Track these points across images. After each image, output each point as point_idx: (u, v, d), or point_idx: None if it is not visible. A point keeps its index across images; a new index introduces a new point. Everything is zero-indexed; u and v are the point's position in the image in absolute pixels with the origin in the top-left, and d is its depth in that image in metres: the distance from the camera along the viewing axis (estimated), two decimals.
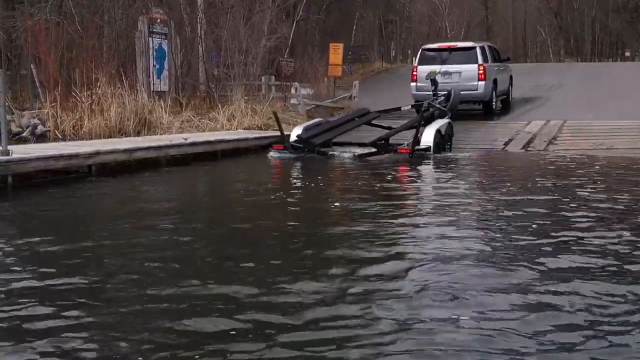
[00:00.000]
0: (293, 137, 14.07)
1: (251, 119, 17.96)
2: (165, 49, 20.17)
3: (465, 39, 52.30)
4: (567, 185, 9.82)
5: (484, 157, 13.53)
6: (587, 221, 7.11)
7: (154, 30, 19.82)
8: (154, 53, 19.81)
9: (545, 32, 63.71)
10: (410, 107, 16.66)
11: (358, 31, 46.49)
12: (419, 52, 19.48)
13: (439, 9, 58.29)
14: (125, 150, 11.09)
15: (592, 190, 9.17)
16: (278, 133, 15.78)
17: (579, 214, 7.51)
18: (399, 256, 5.87)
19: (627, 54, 56.90)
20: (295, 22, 30.88)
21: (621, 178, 10.67)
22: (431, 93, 16.40)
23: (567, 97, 21.22)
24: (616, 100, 18.99)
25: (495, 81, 18.47)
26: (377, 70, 37.02)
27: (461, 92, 16.86)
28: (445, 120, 14.57)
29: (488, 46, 19.55)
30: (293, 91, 21.38)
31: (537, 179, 10.45)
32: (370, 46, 45.71)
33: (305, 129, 14.43)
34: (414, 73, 18.65)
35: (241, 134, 15.27)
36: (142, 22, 19.69)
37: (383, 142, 13.62)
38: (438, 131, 13.71)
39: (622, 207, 8.03)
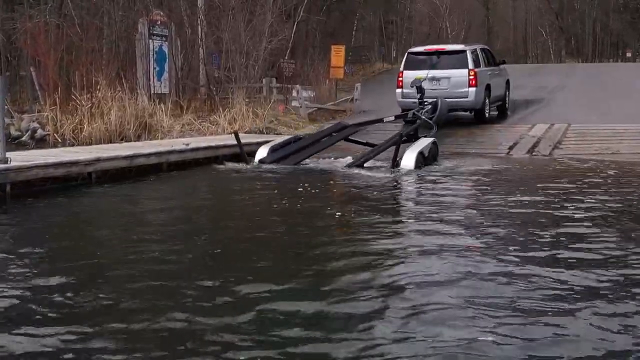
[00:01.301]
0: (256, 161, 12.73)
1: (252, 122, 17.82)
2: (166, 51, 20.03)
3: (465, 40, 52.25)
4: (584, 195, 9.65)
5: (488, 163, 13.28)
6: (607, 234, 6.98)
7: (154, 32, 19.69)
8: (154, 55, 19.67)
9: (546, 33, 63.60)
10: (393, 118, 15.36)
11: (358, 32, 46.37)
12: (405, 56, 18.17)
13: (440, 9, 58.10)
14: (126, 157, 10.93)
15: (607, 199, 9.01)
16: (280, 138, 15.62)
17: (596, 228, 7.38)
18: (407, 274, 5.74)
19: (628, 54, 56.78)
20: (296, 24, 30.72)
21: (633, 185, 10.51)
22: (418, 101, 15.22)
23: (570, 99, 21.07)
24: (620, 102, 18.85)
25: (488, 87, 17.23)
26: (378, 71, 36.92)
27: (451, 100, 15.70)
28: (429, 140, 12.86)
29: (481, 49, 18.24)
30: (294, 94, 21.21)
31: (549, 189, 10.29)
32: (371, 47, 45.58)
33: (272, 150, 12.96)
34: (400, 79, 17.23)
35: (243, 138, 15.06)
36: (142, 24, 19.55)
37: (355, 168, 12.02)
38: (420, 153, 12.05)
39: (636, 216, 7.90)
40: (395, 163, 11.65)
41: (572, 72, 30.08)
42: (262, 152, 12.88)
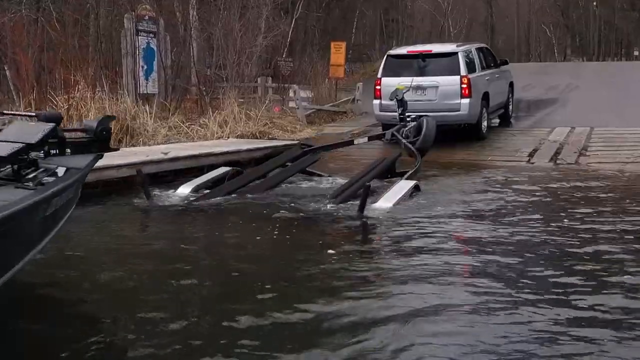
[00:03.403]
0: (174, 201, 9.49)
1: (245, 126, 16.31)
2: (155, 48, 18.52)
3: (467, 38, 50.67)
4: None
5: (512, 172, 11.81)
6: None
7: (141, 27, 18.16)
8: (142, 53, 18.14)
9: (550, 31, 62.30)
10: (366, 140, 12.64)
11: (359, 30, 45.04)
12: (384, 59, 15.19)
13: (441, 6, 56.68)
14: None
15: None
16: (275, 143, 14.16)
17: None
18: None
19: (636, 53, 55.30)
20: (294, 20, 29.31)
21: None
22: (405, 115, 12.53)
23: (585, 99, 19.65)
24: (638, 103, 17.37)
25: (486, 96, 14.41)
26: (379, 69, 35.49)
27: (439, 114, 12.91)
28: (409, 185, 9.47)
29: (477, 49, 15.18)
30: (292, 94, 19.81)
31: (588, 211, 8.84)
32: (372, 45, 44.32)
33: (194, 190, 9.75)
34: (377, 87, 14.43)
35: (232, 144, 13.59)
36: (128, 19, 18.03)
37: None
38: (397, 205, 8.86)
39: None
40: (363, 210, 8.48)
41: (581, 71, 28.86)
42: (181, 193, 9.70)
